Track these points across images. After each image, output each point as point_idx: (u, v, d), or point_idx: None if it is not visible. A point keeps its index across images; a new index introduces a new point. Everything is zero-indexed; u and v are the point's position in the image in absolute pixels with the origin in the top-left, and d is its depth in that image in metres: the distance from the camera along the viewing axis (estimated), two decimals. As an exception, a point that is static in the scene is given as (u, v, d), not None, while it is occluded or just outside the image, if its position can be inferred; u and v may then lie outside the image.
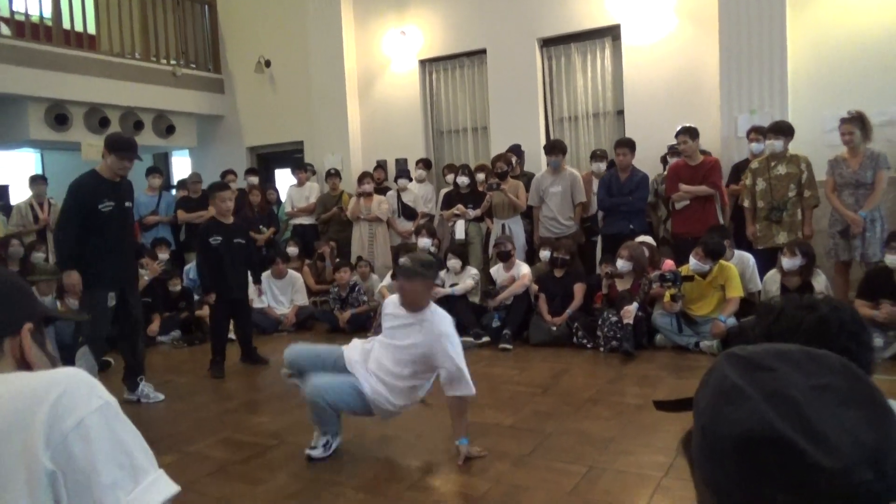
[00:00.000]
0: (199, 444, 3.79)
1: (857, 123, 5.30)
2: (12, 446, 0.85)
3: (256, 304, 6.71)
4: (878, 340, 4.62)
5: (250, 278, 5.83)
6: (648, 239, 6.03)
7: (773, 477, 0.57)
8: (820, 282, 5.15)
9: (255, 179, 8.55)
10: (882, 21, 6.10)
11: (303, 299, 7.25)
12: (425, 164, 8.09)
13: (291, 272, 7.32)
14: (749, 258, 5.64)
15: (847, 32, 6.24)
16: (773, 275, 5.32)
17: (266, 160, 10.17)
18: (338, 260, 7.38)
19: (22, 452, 0.84)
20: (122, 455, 0.88)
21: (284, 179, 9.66)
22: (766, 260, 5.59)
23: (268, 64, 9.54)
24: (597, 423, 3.76)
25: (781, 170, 5.60)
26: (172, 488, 0.92)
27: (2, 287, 1.04)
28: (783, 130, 5.61)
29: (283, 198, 8.75)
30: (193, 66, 9.81)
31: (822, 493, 0.55)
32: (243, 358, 5.69)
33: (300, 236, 8.20)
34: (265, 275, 7.08)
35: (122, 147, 4.46)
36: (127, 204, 4.63)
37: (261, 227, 8.02)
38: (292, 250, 7.76)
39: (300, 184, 8.42)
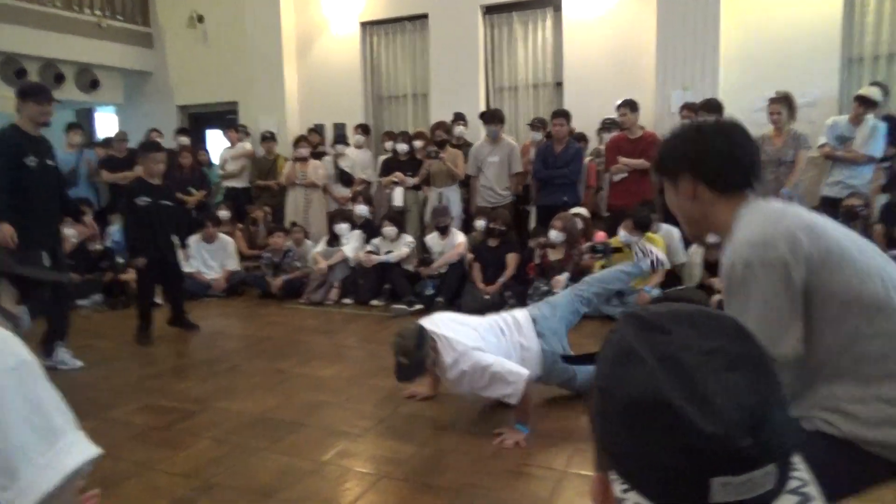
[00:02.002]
0: (119, 410, 3.68)
1: (784, 103, 5.51)
2: None
3: (185, 269, 6.51)
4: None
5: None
6: (582, 211, 6.13)
7: (660, 441, 0.59)
8: (740, 256, 5.37)
9: (185, 140, 8.24)
10: (807, 8, 6.30)
11: (234, 264, 7.08)
12: (363, 129, 7.96)
13: (223, 236, 7.12)
14: (675, 231, 5.81)
15: (775, 18, 6.44)
16: (696, 248, 5.51)
17: (197, 120, 9.80)
18: (272, 224, 7.22)
19: None
20: (37, 416, 0.84)
21: (218, 141, 9.34)
22: (692, 233, 5.77)
23: (200, 19, 9.14)
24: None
25: (709, 146, 5.76)
26: (91, 451, 0.88)
27: None
28: (713, 108, 5.77)
29: (215, 160, 8.47)
30: (120, 17, 9.29)
31: (704, 456, 0.57)
32: (173, 322, 5.51)
33: (232, 199, 7.97)
34: (195, 238, 6.89)
35: (37, 91, 4.29)
36: (49, 162, 4.40)
37: (191, 188, 7.76)
38: (224, 214, 7.54)
39: (232, 145, 8.16)
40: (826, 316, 1.44)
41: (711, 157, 1.57)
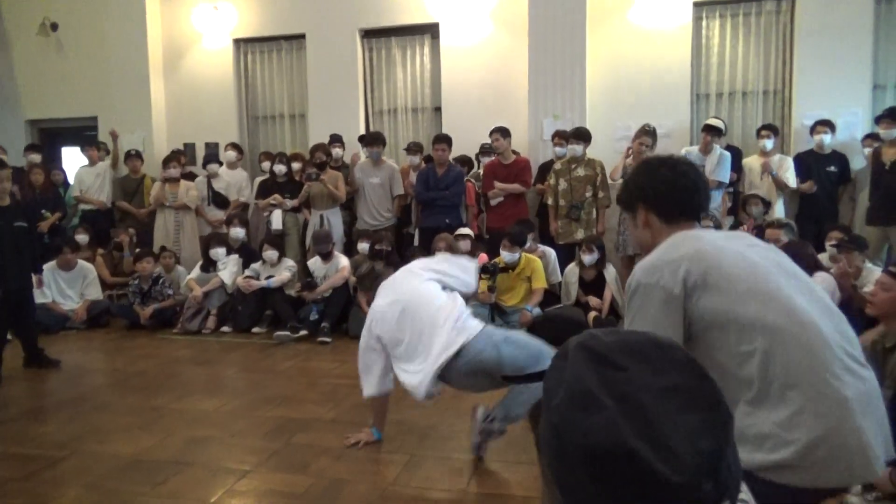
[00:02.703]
0: (-34, 462, 3.27)
1: (651, 136, 6.04)
2: None
3: (39, 299, 5.92)
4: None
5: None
6: (468, 231, 6.22)
7: (622, 489, 0.60)
8: (610, 273, 5.74)
9: (37, 157, 7.55)
10: (662, 48, 6.90)
11: (96, 293, 6.55)
12: (234, 146, 7.66)
13: (82, 263, 6.57)
14: (551, 252, 6.11)
15: (635, 55, 6.98)
16: (572, 268, 5.82)
17: (51, 136, 9.00)
18: (138, 250, 6.76)
19: None
20: None
21: (74, 159, 8.63)
22: (566, 254, 6.10)
23: (54, 27, 8.44)
24: (417, 412, 3.83)
25: (580, 172, 6.14)
26: None
27: None
28: (582, 136, 6.16)
29: (71, 179, 7.81)
30: (-44, 20, 8.39)
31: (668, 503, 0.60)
32: (30, 361, 4.98)
33: (90, 222, 7.37)
34: (49, 266, 6.30)
35: None
36: None
37: (44, 211, 7.09)
38: (82, 238, 6.96)
39: (91, 163, 7.57)
40: (709, 339, 1.53)
41: (657, 185, 1.73)
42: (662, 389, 0.64)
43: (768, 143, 6.24)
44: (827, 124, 6.20)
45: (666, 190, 1.72)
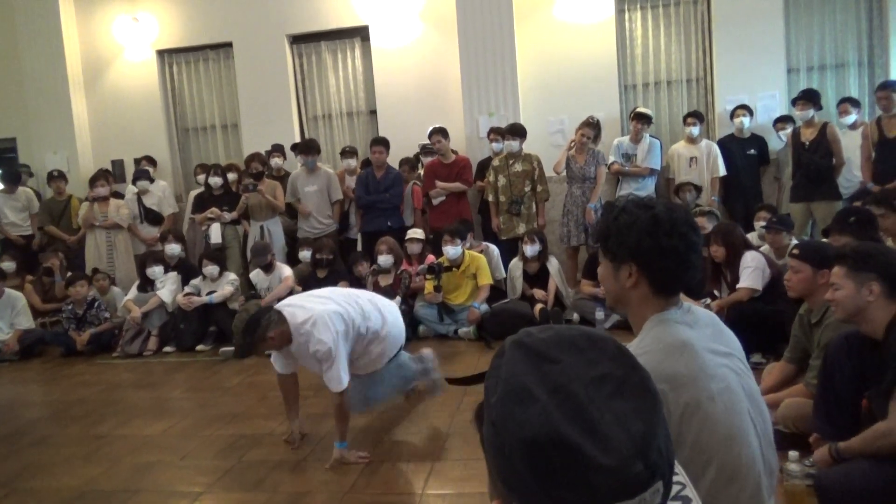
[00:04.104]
0: None
1: (594, 128, 6.18)
2: None
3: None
4: (599, 314, 5.37)
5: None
6: (418, 233, 6.20)
7: (558, 476, 0.62)
8: (553, 265, 5.83)
9: (-49, 184, 7.17)
10: (588, 41, 7.05)
11: (27, 322, 6.25)
12: (147, 159, 7.47)
13: (9, 291, 6.26)
14: (494, 249, 6.18)
15: (562, 49, 7.11)
16: (516, 262, 5.90)
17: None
18: (69, 273, 6.48)
19: None
20: None
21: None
22: (510, 249, 6.18)
23: (-39, 46, 8.02)
24: (369, 418, 3.82)
25: (518, 167, 6.23)
26: None
27: None
28: (518, 132, 6.24)
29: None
30: None
31: (601, 488, 0.62)
32: None
33: (16, 248, 7.04)
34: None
35: None
36: None
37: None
38: (8, 265, 6.64)
39: (11, 191, 7.25)
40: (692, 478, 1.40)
41: (665, 258, 1.45)
42: (594, 378, 0.66)
43: (694, 130, 6.46)
44: (745, 108, 6.47)
45: (672, 267, 1.46)
